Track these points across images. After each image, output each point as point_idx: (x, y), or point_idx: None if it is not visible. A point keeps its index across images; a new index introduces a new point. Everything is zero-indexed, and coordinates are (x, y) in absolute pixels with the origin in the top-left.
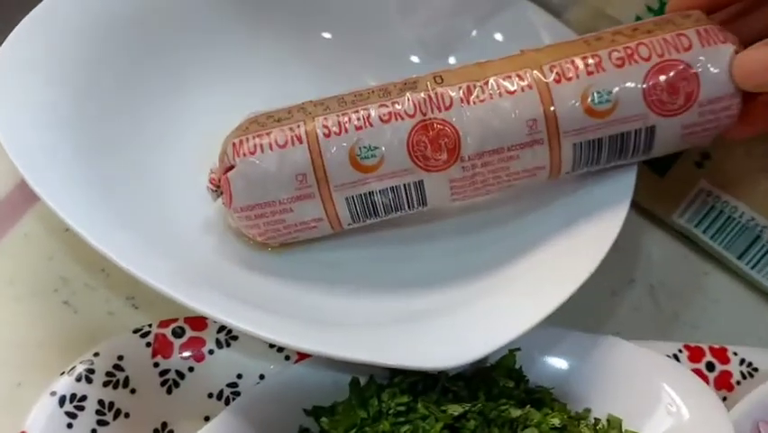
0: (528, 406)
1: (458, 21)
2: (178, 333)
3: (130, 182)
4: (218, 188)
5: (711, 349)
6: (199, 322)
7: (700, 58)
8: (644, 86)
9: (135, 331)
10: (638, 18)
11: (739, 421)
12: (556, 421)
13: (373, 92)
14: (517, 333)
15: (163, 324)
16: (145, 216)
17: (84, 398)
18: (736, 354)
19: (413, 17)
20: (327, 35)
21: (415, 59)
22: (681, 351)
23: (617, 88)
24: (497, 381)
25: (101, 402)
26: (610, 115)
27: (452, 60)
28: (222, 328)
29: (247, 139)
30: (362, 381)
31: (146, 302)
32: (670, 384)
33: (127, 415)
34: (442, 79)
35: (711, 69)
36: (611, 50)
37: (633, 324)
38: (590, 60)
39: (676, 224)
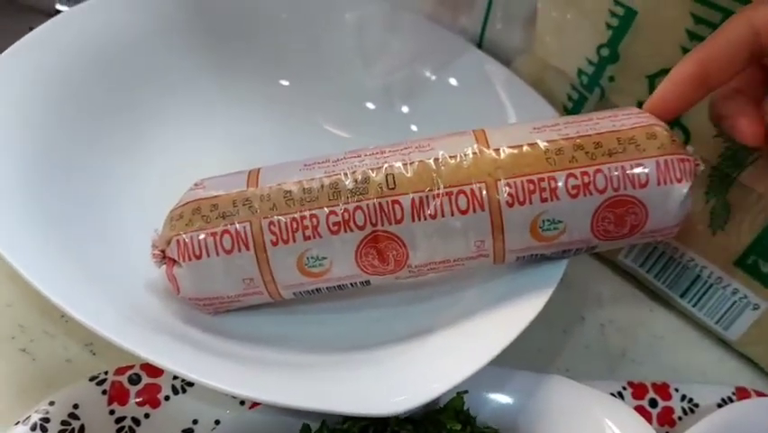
0: None
1: (416, 69)
2: (135, 380)
3: (83, 228)
4: (162, 259)
5: (654, 386)
6: (156, 368)
7: (654, 197)
8: (594, 218)
9: (92, 379)
10: (580, 72)
11: None
12: None
13: (322, 188)
14: (463, 377)
15: (119, 371)
16: (98, 261)
17: None
18: (677, 390)
19: (373, 66)
20: (285, 83)
21: (370, 105)
22: (625, 388)
23: (567, 218)
24: (444, 423)
25: None
26: (556, 240)
27: (404, 109)
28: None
29: (191, 238)
30: (316, 426)
31: (104, 348)
32: (613, 422)
33: None
34: (394, 183)
35: (661, 208)
36: (569, 173)
37: (583, 361)
38: (546, 185)
39: (623, 263)
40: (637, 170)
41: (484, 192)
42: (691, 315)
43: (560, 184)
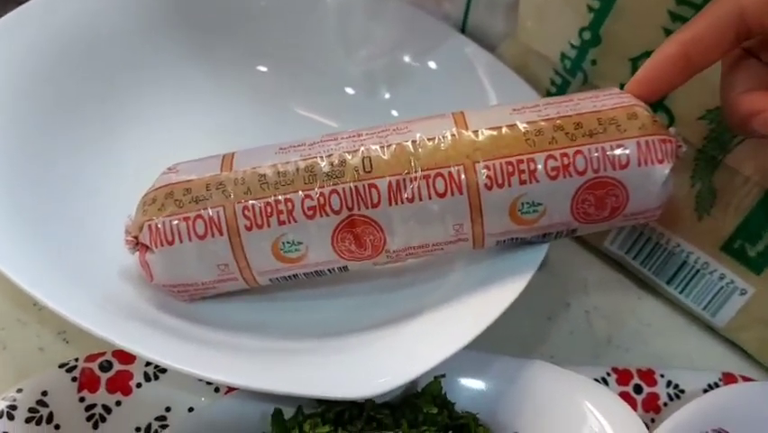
0: (451, 432)
1: (398, 55)
2: (106, 367)
3: (56, 216)
4: (136, 245)
5: (639, 372)
6: (127, 355)
7: (634, 178)
8: (574, 200)
9: (62, 366)
10: (563, 56)
11: None
12: None
13: (298, 172)
14: (443, 357)
15: (90, 358)
16: (71, 249)
17: None
18: (662, 376)
19: (356, 53)
20: (263, 68)
21: (351, 91)
22: (609, 374)
23: (546, 200)
24: (421, 407)
25: None
26: (536, 223)
27: (386, 96)
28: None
29: (164, 224)
30: (291, 411)
31: (77, 336)
32: (595, 407)
33: None
34: (371, 166)
35: (642, 189)
36: (548, 154)
37: (568, 347)
38: (525, 167)
39: (608, 250)
40: (618, 152)
41: (462, 175)
42: (678, 301)
43: (539, 166)
